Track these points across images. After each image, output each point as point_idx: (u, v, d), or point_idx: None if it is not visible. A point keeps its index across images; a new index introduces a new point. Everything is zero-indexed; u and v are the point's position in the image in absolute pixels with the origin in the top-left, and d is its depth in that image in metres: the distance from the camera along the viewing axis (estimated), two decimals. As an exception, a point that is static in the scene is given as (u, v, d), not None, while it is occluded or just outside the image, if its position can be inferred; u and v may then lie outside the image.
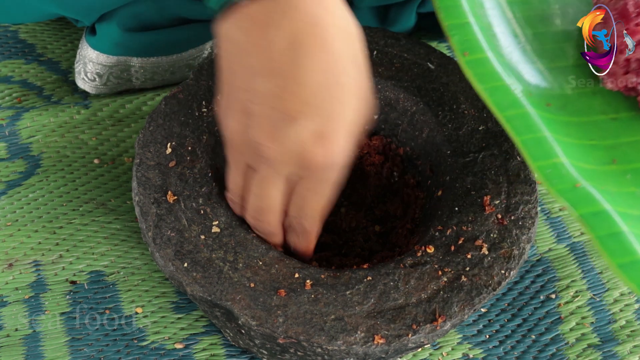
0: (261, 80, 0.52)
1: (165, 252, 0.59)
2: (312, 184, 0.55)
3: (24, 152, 0.77)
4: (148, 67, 0.81)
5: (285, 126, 0.52)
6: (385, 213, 0.72)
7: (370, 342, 0.57)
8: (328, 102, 0.52)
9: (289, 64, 0.52)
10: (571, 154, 0.57)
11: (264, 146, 0.53)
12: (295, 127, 0.52)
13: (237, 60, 0.53)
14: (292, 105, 0.52)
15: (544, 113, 0.59)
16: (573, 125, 0.60)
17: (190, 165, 0.63)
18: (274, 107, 0.52)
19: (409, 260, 0.61)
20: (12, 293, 0.70)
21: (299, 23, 0.51)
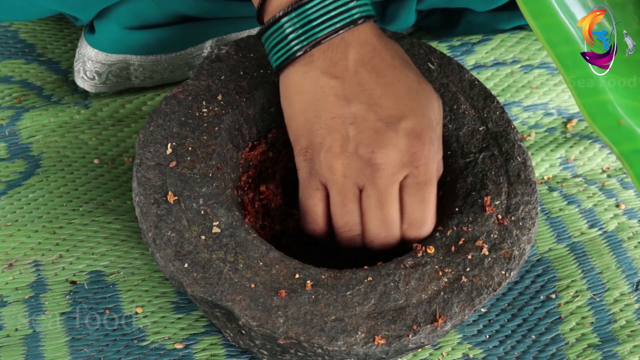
0: (353, 104, 0.58)
1: (166, 252, 0.59)
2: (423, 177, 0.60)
3: (24, 152, 0.77)
4: (147, 65, 0.81)
5: (389, 129, 0.58)
6: None
7: (370, 343, 0.57)
8: (413, 105, 0.59)
9: (370, 82, 0.58)
10: (619, 91, 0.58)
11: (375, 154, 0.58)
12: (396, 129, 0.58)
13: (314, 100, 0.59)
14: (387, 112, 0.58)
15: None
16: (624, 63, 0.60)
17: (191, 166, 0.63)
18: (373, 120, 0.58)
19: (410, 261, 0.61)
20: (12, 293, 0.69)
21: (365, 49, 0.59)
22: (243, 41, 0.70)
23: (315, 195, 0.62)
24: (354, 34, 0.59)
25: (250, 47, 0.70)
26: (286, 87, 0.61)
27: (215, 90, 0.67)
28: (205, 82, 0.67)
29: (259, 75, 0.68)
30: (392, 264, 0.60)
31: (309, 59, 0.59)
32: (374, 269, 0.60)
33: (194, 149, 0.64)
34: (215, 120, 0.65)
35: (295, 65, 0.60)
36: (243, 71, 0.68)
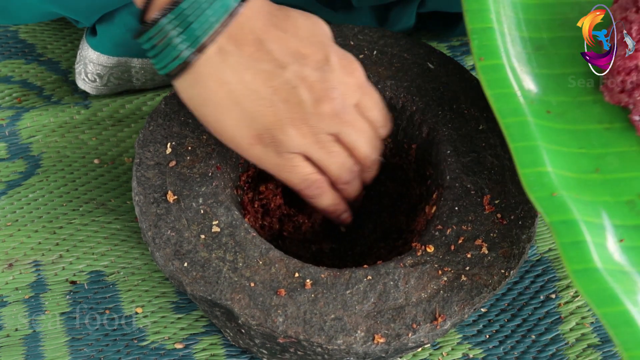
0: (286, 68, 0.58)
1: (165, 251, 0.59)
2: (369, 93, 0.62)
3: (24, 152, 0.77)
4: (148, 67, 0.81)
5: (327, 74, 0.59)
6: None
7: (370, 342, 0.57)
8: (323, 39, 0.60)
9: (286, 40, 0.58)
10: (557, 163, 0.61)
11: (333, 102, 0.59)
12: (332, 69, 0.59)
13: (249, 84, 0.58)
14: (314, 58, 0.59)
15: (542, 121, 0.62)
16: (567, 133, 0.63)
17: (190, 165, 0.63)
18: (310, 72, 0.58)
19: (409, 260, 0.61)
20: (12, 293, 0.70)
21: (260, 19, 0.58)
22: (243, 41, 0.70)
23: (297, 164, 0.61)
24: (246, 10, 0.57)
25: (250, 47, 0.70)
26: (198, 89, 0.58)
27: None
28: (205, 81, 0.67)
29: (259, 75, 0.68)
30: (391, 262, 0.60)
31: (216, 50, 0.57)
32: (373, 268, 0.60)
33: (194, 149, 0.64)
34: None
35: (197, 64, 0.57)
36: (243, 71, 0.68)
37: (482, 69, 0.63)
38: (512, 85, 0.63)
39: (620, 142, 0.64)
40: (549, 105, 0.64)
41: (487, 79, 0.63)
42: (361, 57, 0.70)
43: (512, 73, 0.64)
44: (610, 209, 0.61)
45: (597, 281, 0.56)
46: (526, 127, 0.61)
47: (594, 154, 0.63)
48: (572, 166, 0.62)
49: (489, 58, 0.63)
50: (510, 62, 0.64)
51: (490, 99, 0.62)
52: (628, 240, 0.60)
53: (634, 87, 0.62)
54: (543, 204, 0.58)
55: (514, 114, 0.61)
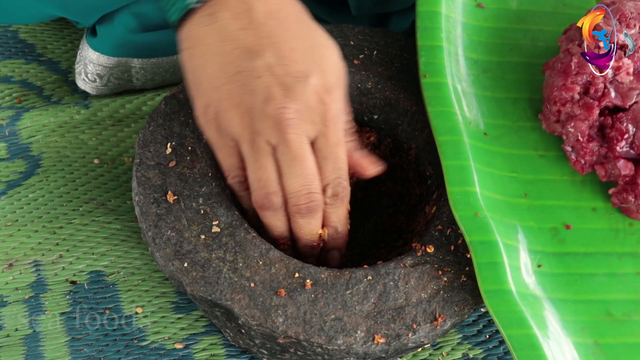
0: (256, 57, 0.55)
1: (165, 252, 0.59)
2: (333, 137, 0.57)
3: (24, 152, 0.77)
4: (149, 68, 0.81)
5: (298, 85, 0.55)
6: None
7: (370, 342, 0.57)
8: (321, 61, 0.57)
9: (277, 35, 0.56)
10: (487, 184, 0.62)
11: (286, 109, 0.55)
12: (306, 83, 0.56)
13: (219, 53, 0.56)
14: (296, 67, 0.56)
15: (477, 142, 0.64)
16: (501, 157, 0.65)
17: (190, 165, 0.63)
18: (282, 75, 0.55)
19: (409, 260, 0.61)
20: (12, 293, 0.69)
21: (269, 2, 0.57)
22: (243, 41, 0.70)
23: (228, 151, 0.59)
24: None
25: (250, 47, 0.70)
26: (187, 41, 0.58)
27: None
28: (205, 82, 0.67)
29: (259, 75, 0.68)
30: (391, 263, 0.60)
31: (212, 9, 0.56)
32: (373, 268, 0.60)
33: (194, 149, 0.64)
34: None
35: (196, 16, 0.57)
36: (243, 71, 0.68)
37: (425, 86, 0.64)
38: (452, 104, 0.64)
39: (552, 171, 0.65)
40: (487, 128, 0.65)
41: (429, 96, 0.64)
42: (361, 57, 0.70)
43: (455, 93, 0.65)
44: (533, 234, 0.62)
45: (507, 303, 0.58)
46: (460, 147, 0.63)
47: (525, 179, 0.64)
48: (502, 189, 0.63)
49: (433, 76, 0.65)
50: (454, 82, 0.65)
51: (430, 116, 0.63)
52: (546, 267, 0.61)
53: (568, 118, 0.63)
54: (465, 223, 0.60)
55: (450, 132, 0.63)
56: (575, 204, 0.64)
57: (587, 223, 0.64)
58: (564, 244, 0.62)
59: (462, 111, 0.64)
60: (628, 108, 0.62)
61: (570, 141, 0.64)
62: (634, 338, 0.60)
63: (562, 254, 0.62)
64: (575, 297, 0.61)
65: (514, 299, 0.58)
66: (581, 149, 0.63)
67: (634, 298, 0.61)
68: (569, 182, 0.65)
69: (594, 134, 0.63)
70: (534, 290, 0.59)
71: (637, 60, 0.63)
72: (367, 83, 0.69)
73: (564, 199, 0.64)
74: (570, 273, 0.62)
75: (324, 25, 0.71)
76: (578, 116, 0.63)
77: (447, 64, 0.66)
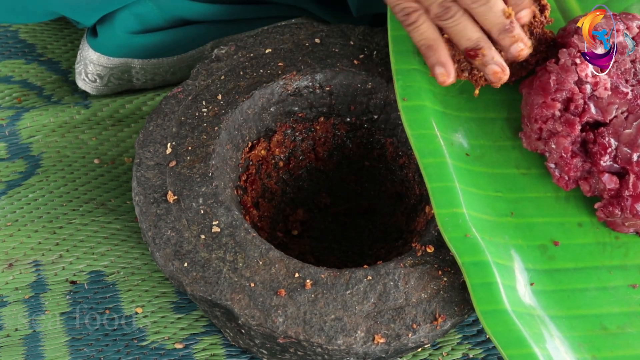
0: None
1: (165, 251, 0.59)
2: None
3: (24, 152, 0.77)
4: (149, 68, 0.81)
5: None
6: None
7: (370, 342, 0.57)
8: None
9: None
10: (473, 205, 0.62)
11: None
12: None
13: None
14: None
15: (460, 163, 0.64)
16: (484, 176, 0.65)
17: (190, 165, 0.63)
18: None
19: (409, 260, 0.61)
20: (12, 293, 0.69)
21: None
22: (242, 41, 0.70)
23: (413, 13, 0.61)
24: None
25: (250, 47, 0.70)
26: None
27: (215, 90, 0.67)
28: (204, 82, 0.67)
29: (259, 75, 0.68)
30: (391, 263, 0.60)
31: None
32: (373, 268, 0.60)
33: (194, 149, 0.64)
34: (214, 120, 0.65)
35: None
36: (242, 71, 0.68)
37: (404, 109, 0.64)
38: (433, 126, 0.64)
39: (536, 188, 0.65)
40: (469, 148, 0.65)
41: (409, 118, 0.64)
42: (361, 57, 0.70)
43: (434, 115, 0.65)
44: (523, 253, 0.62)
45: (505, 323, 0.58)
46: (444, 168, 0.62)
47: (510, 198, 0.64)
48: (488, 209, 0.63)
49: (412, 99, 0.64)
50: (433, 104, 0.65)
51: (411, 139, 0.63)
52: (538, 284, 0.61)
53: (549, 135, 0.63)
54: (456, 245, 0.60)
55: (433, 154, 0.63)
56: (560, 220, 0.64)
57: (574, 238, 0.64)
58: (553, 260, 0.62)
59: (443, 133, 0.64)
60: (609, 122, 0.63)
61: (553, 158, 0.64)
62: (630, 350, 0.60)
63: (553, 270, 0.62)
64: (570, 313, 0.61)
65: (511, 319, 0.58)
66: (565, 165, 0.63)
67: (627, 310, 0.62)
68: (553, 199, 0.65)
69: (576, 149, 0.63)
70: (529, 308, 0.60)
71: (612, 75, 0.63)
72: (368, 83, 0.69)
73: (550, 216, 0.64)
74: (562, 289, 0.62)
75: (324, 25, 0.72)
76: (560, 133, 0.63)
77: (422, 87, 0.65)
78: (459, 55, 0.63)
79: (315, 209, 0.74)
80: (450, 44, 0.62)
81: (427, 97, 0.65)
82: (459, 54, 0.63)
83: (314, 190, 0.74)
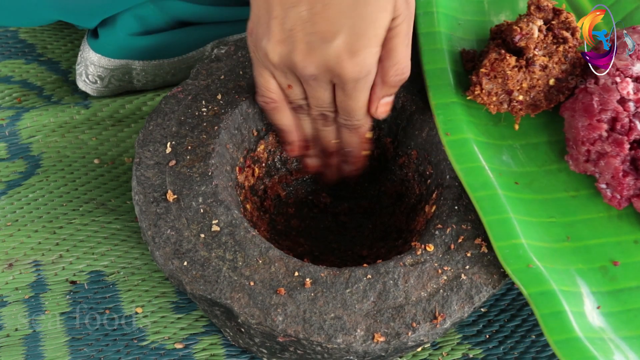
0: (294, 8, 0.58)
1: (165, 251, 0.59)
2: (351, 90, 0.62)
3: (24, 152, 0.77)
4: (150, 69, 0.82)
5: (320, 46, 0.58)
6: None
7: (369, 341, 0.57)
8: (356, 20, 0.58)
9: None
10: (529, 234, 0.62)
11: (304, 67, 0.59)
12: (328, 46, 0.58)
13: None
14: (324, 26, 0.58)
15: (511, 193, 0.63)
16: (536, 203, 0.64)
17: (190, 165, 0.63)
18: (309, 31, 0.58)
19: (409, 259, 0.61)
20: (12, 293, 0.70)
21: None
22: (242, 41, 0.70)
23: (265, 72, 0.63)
24: None
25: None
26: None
27: (215, 89, 0.67)
28: (204, 81, 0.67)
29: (259, 74, 0.68)
30: (391, 262, 0.60)
31: None
32: (373, 267, 0.60)
33: (194, 148, 0.64)
34: (214, 120, 0.65)
35: None
36: (242, 71, 0.68)
37: (449, 144, 0.64)
38: (479, 158, 0.64)
39: (587, 209, 0.65)
40: (517, 176, 0.65)
41: (455, 153, 0.64)
42: (361, 57, 0.70)
43: (479, 146, 0.64)
44: (585, 276, 0.62)
45: (580, 351, 0.57)
46: (497, 200, 0.62)
47: (563, 222, 0.64)
48: (544, 236, 0.62)
49: (455, 133, 0.64)
50: (476, 135, 0.65)
51: (460, 174, 0.63)
52: (605, 307, 0.61)
53: (598, 156, 0.63)
54: (520, 277, 0.59)
55: (484, 187, 0.62)
56: (617, 239, 0.64)
57: (633, 256, 0.63)
58: (615, 281, 0.62)
59: (490, 164, 0.64)
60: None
61: (604, 178, 0.63)
62: None
63: (617, 291, 0.62)
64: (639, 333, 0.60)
65: (584, 346, 0.57)
66: (618, 185, 0.63)
67: None
68: (606, 218, 0.64)
69: (627, 168, 0.63)
70: (600, 332, 0.59)
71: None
72: (367, 83, 0.69)
73: (605, 236, 0.64)
74: (629, 309, 0.61)
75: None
76: (609, 153, 0.62)
77: (464, 119, 0.65)
78: (497, 88, 0.64)
79: (315, 209, 0.74)
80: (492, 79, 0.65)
81: (469, 130, 0.65)
82: (497, 87, 0.64)
83: (314, 190, 0.74)
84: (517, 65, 0.65)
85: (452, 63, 0.68)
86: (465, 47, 0.70)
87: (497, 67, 0.65)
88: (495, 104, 0.66)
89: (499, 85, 0.65)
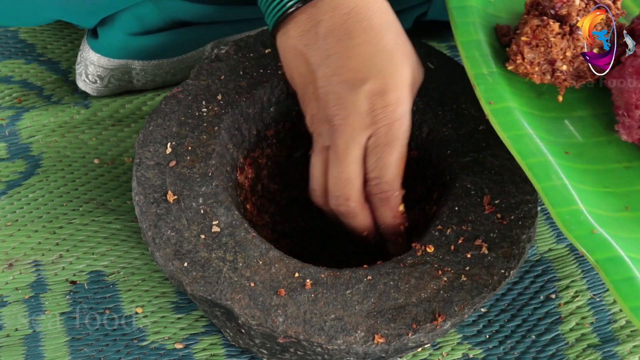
0: (320, 68, 0.60)
1: (165, 251, 0.59)
2: (384, 138, 0.60)
3: (24, 152, 0.77)
4: (149, 69, 0.82)
5: (349, 94, 0.59)
6: None
7: (370, 342, 0.57)
8: (382, 65, 0.59)
9: (337, 47, 0.59)
10: (587, 201, 0.59)
11: (336, 117, 0.60)
12: (358, 91, 0.59)
13: (299, 61, 0.61)
14: (350, 75, 0.59)
15: (562, 161, 0.61)
16: (589, 173, 0.62)
17: (190, 165, 0.63)
18: (336, 84, 0.59)
19: (409, 260, 0.61)
20: (12, 293, 0.70)
21: (338, 14, 0.60)
22: (242, 41, 0.70)
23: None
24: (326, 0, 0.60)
25: (250, 47, 0.70)
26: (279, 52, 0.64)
27: (215, 90, 0.67)
28: (204, 81, 0.67)
29: (259, 75, 0.68)
30: (391, 262, 0.60)
31: (285, 29, 0.61)
32: (373, 268, 0.60)
33: (194, 149, 0.64)
34: (214, 120, 0.65)
35: (279, 34, 0.62)
36: (243, 71, 0.68)
37: (493, 113, 0.62)
38: (526, 127, 0.62)
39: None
40: (566, 147, 0.63)
41: (500, 121, 0.61)
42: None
43: (524, 116, 0.63)
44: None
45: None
46: (549, 167, 0.60)
47: (620, 193, 0.62)
48: (603, 204, 0.60)
49: (498, 102, 0.62)
50: (520, 105, 0.63)
51: (508, 142, 0.61)
52: None
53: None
54: (584, 243, 0.57)
55: (535, 154, 0.60)
56: None
57: None
58: None
59: (537, 132, 0.62)
60: None
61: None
62: None
63: None
64: None
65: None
66: None
67: None
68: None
69: None
70: None
71: None
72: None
73: None
74: None
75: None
76: None
77: (506, 88, 0.63)
78: (539, 58, 0.62)
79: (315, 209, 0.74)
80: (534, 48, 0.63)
81: (512, 99, 0.63)
82: (539, 57, 0.63)
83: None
84: (561, 32, 0.63)
85: (487, 36, 0.66)
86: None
87: (539, 34, 0.62)
88: (538, 74, 0.63)
89: (542, 54, 0.62)
